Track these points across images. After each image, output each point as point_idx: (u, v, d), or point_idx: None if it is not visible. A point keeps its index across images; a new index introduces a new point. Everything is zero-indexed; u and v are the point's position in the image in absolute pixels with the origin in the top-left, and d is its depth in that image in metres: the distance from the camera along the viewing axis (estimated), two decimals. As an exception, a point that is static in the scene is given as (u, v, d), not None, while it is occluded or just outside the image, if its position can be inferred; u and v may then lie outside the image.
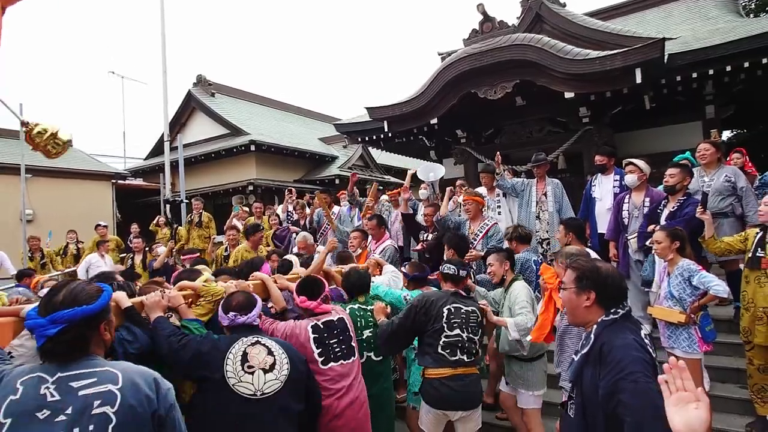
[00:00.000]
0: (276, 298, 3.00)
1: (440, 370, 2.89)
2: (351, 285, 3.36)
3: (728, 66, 6.84)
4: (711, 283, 3.23)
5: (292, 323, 2.63)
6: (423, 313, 2.93)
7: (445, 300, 2.99)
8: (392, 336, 2.99)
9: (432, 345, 2.91)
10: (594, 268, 1.79)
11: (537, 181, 5.76)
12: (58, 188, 13.44)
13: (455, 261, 3.29)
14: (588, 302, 1.77)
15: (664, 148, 7.90)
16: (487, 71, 7.32)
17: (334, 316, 2.73)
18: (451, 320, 2.92)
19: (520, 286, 3.52)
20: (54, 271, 8.48)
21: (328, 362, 2.56)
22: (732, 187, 4.42)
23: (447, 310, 2.94)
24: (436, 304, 2.95)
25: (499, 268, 3.63)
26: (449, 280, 3.17)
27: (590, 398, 1.65)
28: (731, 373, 4.13)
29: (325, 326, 2.63)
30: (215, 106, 16.20)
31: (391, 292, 3.62)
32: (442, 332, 2.89)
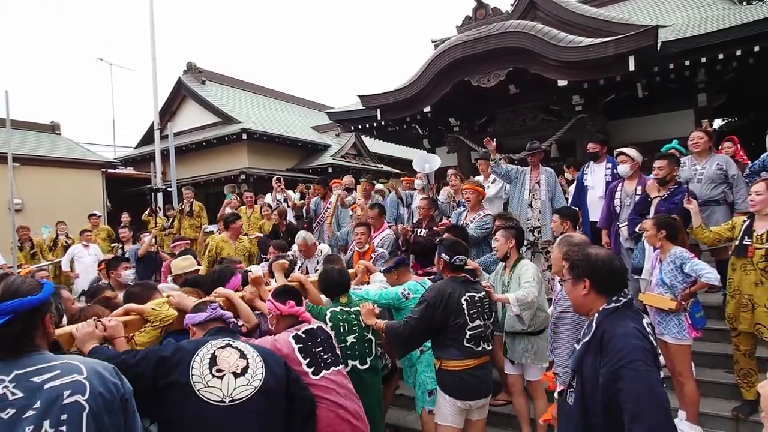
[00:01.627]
0: (246, 315, 2.71)
1: (467, 362, 2.84)
2: (330, 284, 3.07)
3: (720, 54, 6.86)
4: (703, 271, 3.26)
5: (269, 339, 2.36)
6: (442, 309, 2.81)
7: (459, 291, 2.89)
8: (411, 337, 2.86)
9: (457, 339, 2.83)
10: (585, 256, 1.80)
11: (531, 169, 5.76)
12: (46, 177, 13.24)
13: (460, 248, 3.07)
14: (585, 290, 1.77)
15: (657, 136, 7.93)
16: (480, 59, 7.28)
17: (314, 324, 2.51)
18: (470, 312, 2.86)
19: (528, 263, 3.55)
20: (43, 262, 8.42)
21: (319, 371, 2.33)
22: (724, 175, 4.46)
23: (465, 302, 2.86)
24: (453, 297, 2.84)
25: (504, 244, 3.57)
26: (457, 270, 3.03)
27: (590, 386, 1.66)
28: (720, 358, 4.20)
29: (307, 335, 2.41)
30: (206, 94, 16.00)
31: (385, 292, 3.43)
32: (465, 326, 2.82)
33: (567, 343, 3.03)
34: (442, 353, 2.89)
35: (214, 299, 2.49)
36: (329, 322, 2.80)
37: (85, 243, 7.94)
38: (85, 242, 7.95)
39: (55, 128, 15.81)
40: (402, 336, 2.85)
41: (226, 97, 16.79)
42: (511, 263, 3.59)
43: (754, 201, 3.48)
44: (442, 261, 3.04)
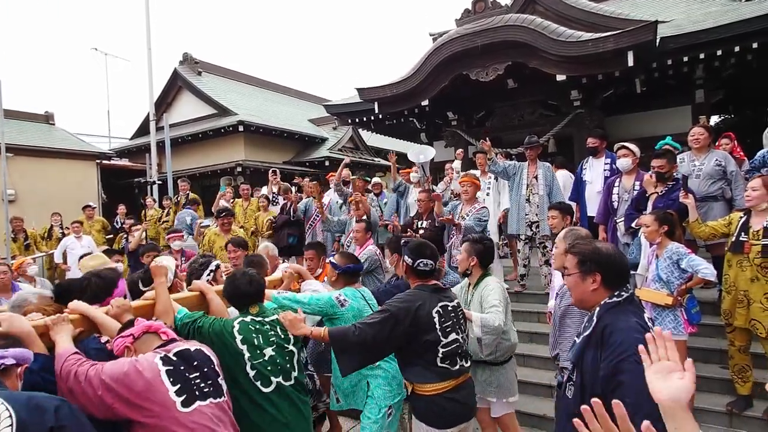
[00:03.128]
0: (110, 332, 2.15)
1: (443, 384, 2.46)
2: (235, 292, 2.50)
3: (719, 50, 6.86)
4: (699, 267, 3.27)
5: (126, 361, 1.85)
6: (409, 325, 2.41)
7: (430, 302, 2.49)
8: (366, 346, 2.39)
9: (429, 360, 2.45)
10: (595, 250, 1.79)
11: (528, 163, 5.76)
12: (40, 168, 13.13)
13: (427, 251, 2.63)
14: (594, 285, 1.76)
15: (654, 132, 7.93)
16: (479, 52, 7.25)
17: (191, 345, 2.03)
18: (444, 325, 2.47)
19: (492, 283, 3.10)
20: (37, 253, 8.36)
21: (192, 402, 1.83)
22: (722, 171, 4.46)
23: (437, 314, 2.47)
24: (423, 310, 2.44)
25: (466, 260, 3.15)
26: (424, 276, 2.62)
27: (590, 380, 1.66)
28: (714, 353, 4.22)
29: (179, 357, 1.92)
30: (202, 86, 15.89)
31: (316, 297, 2.90)
32: (438, 343, 2.44)
33: (573, 336, 2.95)
34: (412, 375, 2.51)
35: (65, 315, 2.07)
36: (238, 334, 2.32)
37: (77, 234, 7.89)
38: (77, 234, 7.90)
39: (49, 118, 15.67)
40: (354, 344, 2.38)
41: (223, 88, 16.68)
42: (474, 281, 3.16)
43: (750, 197, 3.48)
44: (404, 264, 2.68)
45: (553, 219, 3.98)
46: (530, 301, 5.61)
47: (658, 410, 1.39)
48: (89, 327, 2.19)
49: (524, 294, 5.74)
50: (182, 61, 16.58)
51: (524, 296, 5.73)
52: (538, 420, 4.06)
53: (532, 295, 5.66)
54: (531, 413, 4.12)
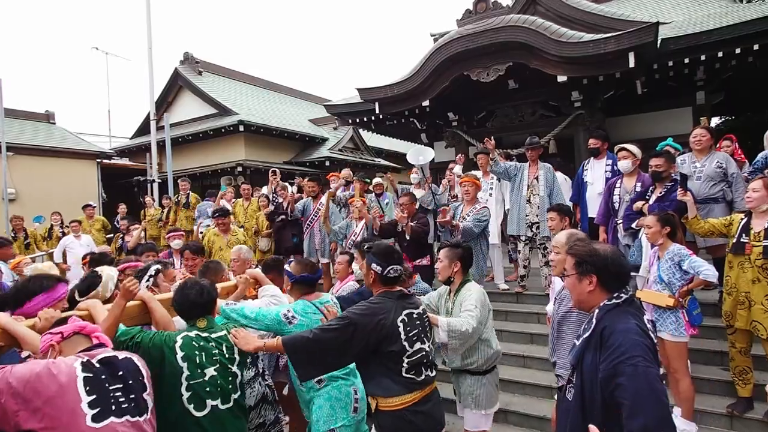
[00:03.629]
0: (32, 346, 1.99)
1: (409, 397, 2.34)
2: (184, 302, 2.34)
3: (720, 52, 6.85)
4: (701, 268, 3.27)
5: (42, 362, 1.65)
6: (372, 334, 2.27)
7: (395, 310, 2.36)
8: (317, 358, 2.25)
9: (393, 370, 2.32)
10: (592, 252, 1.78)
11: (529, 164, 5.75)
12: (41, 167, 13.13)
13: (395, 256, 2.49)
14: (591, 286, 1.76)
15: (655, 134, 7.94)
16: (480, 53, 7.24)
17: (120, 353, 1.82)
18: (409, 334, 2.35)
19: (473, 287, 2.99)
20: (37, 252, 8.36)
21: (105, 416, 1.61)
22: (723, 173, 4.46)
23: (402, 323, 2.34)
24: (388, 320, 2.31)
25: (448, 267, 3.02)
26: (391, 283, 2.47)
27: (590, 382, 1.66)
28: (715, 355, 4.22)
29: (102, 365, 1.71)
30: (203, 85, 15.88)
31: (262, 312, 2.66)
32: (404, 353, 2.32)
33: (570, 343, 2.90)
34: (376, 389, 2.37)
35: None
36: (180, 350, 2.15)
37: (76, 234, 7.89)
38: (75, 233, 7.90)
39: (49, 117, 15.67)
40: (308, 350, 2.25)
41: (223, 88, 16.68)
42: (455, 287, 3.05)
43: (751, 198, 3.47)
44: (372, 273, 2.46)
45: (552, 221, 3.98)
46: (530, 302, 5.60)
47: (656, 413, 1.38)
48: (8, 341, 2.03)
49: (524, 295, 5.74)
50: (183, 61, 16.58)
51: (524, 297, 5.73)
52: (537, 421, 4.06)
53: (532, 296, 5.65)
54: (531, 414, 4.12)
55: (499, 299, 5.83)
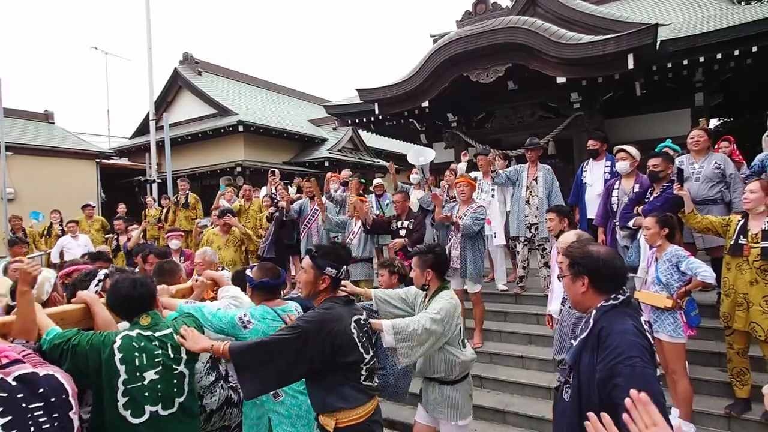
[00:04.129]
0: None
1: (371, 405, 2.24)
2: (117, 299, 2.16)
3: (718, 53, 6.86)
4: (699, 269, 3.28)
5: None
6: (326, 343, 2.10)
7: (347, 317, 2.22)
8: (266, 371, 2.04)
9: (351, 378, 2.18)
10: (585, 254, 1.79)
11: (528, 165, 5.77)
12: (40, 167, 13.12)
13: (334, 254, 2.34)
14: (583, 288, 1.77)
15: (653, 135, 7.95)
16: (479, 54, 7.26)
17: (41, 370, 1.67)
18: (362, 341, 2.23)
19: (446, 296, 2.81)
20: (36, 252, 8.34)
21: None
22: (721, 174, 4.48)
23: (355, 330, 2.21)
24: (341, 326, 2.16)
25: (421, 276, 2.88)
26: (334, 286, 2.33)
27: (587, 382, 1.66)
28: (713, 356, 4.23)
29: (20, 382, 1.58)
30: (202, 85, 15.89)
31: (218, 314, 2.50)
32: (361, 361, 2.20)
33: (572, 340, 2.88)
34: (338, 402, 2.15)
35: None
36: (119, 352, 1.98)
37: (74, 234, 7.89)
38: (73, 233, 7.90)
39: (48, 117, 15.68)
40: (256, 361, 2.04)
41: (223, 88, 16.68)
42: (431, 293, 2.88)
43: (748, 199, 3.48)
44: (326, 278, 2.27)
45: (551, 221, 3.99)
46: (529, 303, 5.61)
47: None
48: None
49: (523, 296, 5.75)
50: (182, 61, 16.58)
51: (523, 298, 5.74)
52: (536, 422, 4.07)
53: (531, 297, 5.66)
54: (530, 415, 4.13)
55: (498, 300, 5.85)
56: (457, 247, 5.02)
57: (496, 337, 5.30)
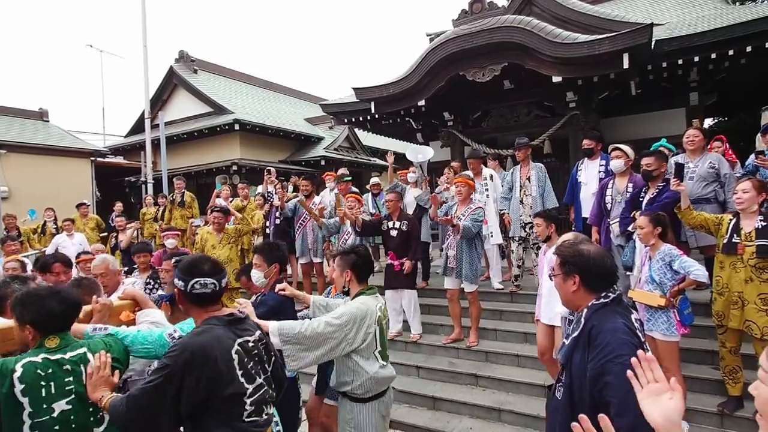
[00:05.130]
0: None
1: None
2: (40, 312, 1.82)
3: (713, 53, 6.90)
4: (691, 268, 3.30)
5: None
6: (198, 378, 1.73)
7: (226, 341, 1.85)
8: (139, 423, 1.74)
9: (231, 416, 1.83)
10: (576, 252, 1.80)
11: (520, 165, 5.79)
12: (34, 165, 13.06)
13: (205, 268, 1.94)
14: (574, 286, 1.78)
15: (649, 134, 7.99)
16: (475, 53, 7.26)
17: None
18: (247, 368, 1.88)
19: (357, 301, 2.59)
20: (30, 250, 8.30)
21: None
22: (715, 173, 4.50)
23: (237, 356, 1.85)
24: (215, 354, 1.78)
25: (340, 277, 2.70)
26: (207, 303, 1.94)
27: (578, 381, 1.67)
28: (706, 354, 4.26)
29: None
30: (198, 84, 15.83)
31: (143, 334, 2.13)
32: (243, 394, 1.85)
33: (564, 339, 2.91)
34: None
35: None
36: (20, 382, 1.68)
37: (69, 233, 7.86)
38: (68, 232, 7.87)
39: (43, 115, 15.59)
40: (128, 420, 1.73)
41: (219, 86, 16.63)
42: (351, 297, 2.70)
43: (741, 199, 3.49)
44: (176, 292, 1.98)
45: (538, 227, 4.01)
46: (524, 301, 5.63)
47: None
48: None
49: (518, 294, 5.77)
50: (178, 59, 16.50)
51: (518, 297, 5.76)
52: (532, 420, 4.09)
53: (526, 296, 5.68)
54: (525, 413, 4.15)
55: (494, 299, 5.87)
56: (454, 247, 5.03)
57: (491, 335, 5.32)
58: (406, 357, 5.36)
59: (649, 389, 1.23)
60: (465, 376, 4.87)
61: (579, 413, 1.65)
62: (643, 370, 1.25)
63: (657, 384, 1.22)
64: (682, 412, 1.19)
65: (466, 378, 4.85)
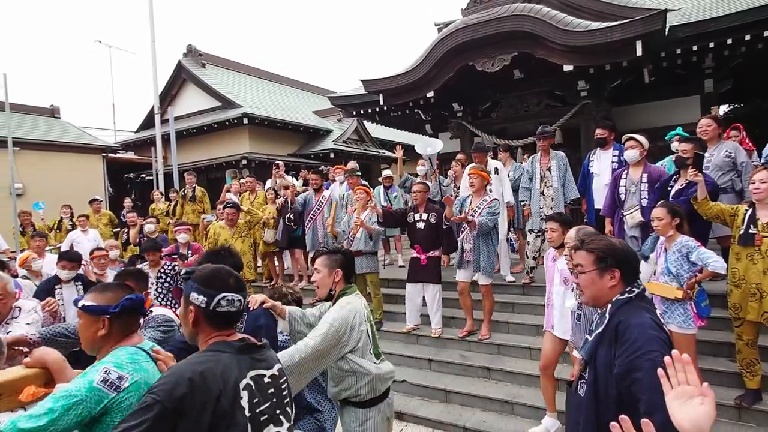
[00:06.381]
0: None
1: None
2: None
3: (729, 39, 6.74)
4: (710, 260, 3.24)
5: None
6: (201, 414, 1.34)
7: (235, 371, 1.45)
8: None
9: None
10: (611, 246, 1.77)
11: (540, 155, 5.67)
12: (47, 162, 13.20)
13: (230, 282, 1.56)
14: (613, 281, 1.74)
15: (662, 123, 7.85)
16: (485, 43, 7.18)
17: None
18: (257, 410, 1.46)
19: (342, 303, 2.41)
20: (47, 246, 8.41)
21: None
22: (732, 162, 4.41)
23: (246, 391, 1.45)
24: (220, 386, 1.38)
25: (327, 277, 2.49)
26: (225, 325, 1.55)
27: (603, 377, 1.65)
28: (723, 347, 4.21)
29: None
30: (206, 78, 15.85)
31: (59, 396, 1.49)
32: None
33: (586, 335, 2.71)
34: None
35: None
36: None
37: (83, 228, 7.96)
38: (83, 228, 7.97)
39: (54, 112, 15.73)
40: None
41: (227, 80, 16.64)
42: (335, 298, 2.50)
43: (759, 189, 3.40)
44: (192, 309, 1.52)
45: (553, 232, 3.61)
46: (537, 294, 5.59)
47: None
48: None
49: (531, 287, 5.73)
50: (186, 54, 16.53)
51: (531, 289, 5.73)
52: (545, 413, 4.07)
53: (539, 288, 5.62)
54: (538, 406, 4.14)
55: (506, 291, 5.84)
56: (470, 240, 4.98)
57: (503, 328, 5.30)
58: (418, 350, 5.36)
59: (680, 391, 1.18)
60: (477, 369, 4.86)
61: (604, 410, 1.64)
62: (676, 371, 1.21)
63: (689, 387, 1.17)
64: (713, 420, 1.15)
65: (479, 371, 4.85)
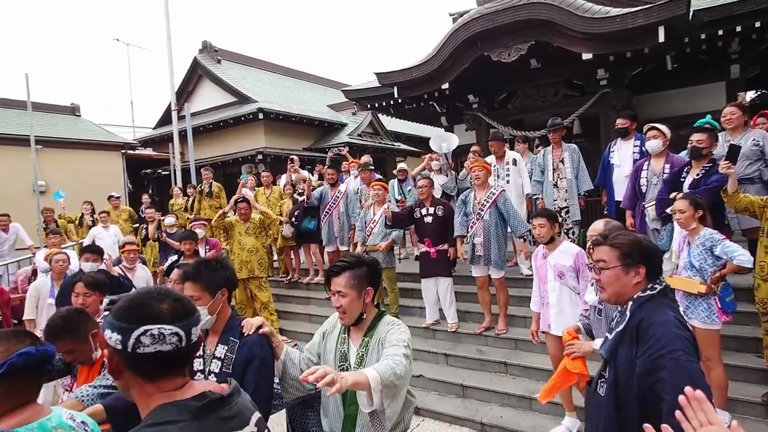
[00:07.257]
0: None
1: None
2: None
3: (757, 22, 6.48)
4: (735, 253, 3.12)
5: None
6: None
7: None
8: None
9: None
10: (637, 241, 1.72)
11: (552, 147, 5.59)
12: (68, 159, 13.46)
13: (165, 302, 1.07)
14: (638, 278, 1.69)
15: (686, 111, 7.63)
16: (500, 32, 7.03)
17: None
18: None
19: (398, 321, 2.06)
20: (69, 242, 8.60)
21: None
22: (760, 151, 4.24)
23: None
24: None
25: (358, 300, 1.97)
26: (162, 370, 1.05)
27: (625, 376, 1.60)
28: (749, 342, 4.08)
29: None
30: (222, 74, 15.94)
31: None
32: None
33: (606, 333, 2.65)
34: None
35: None
36: None
37: (105, 224, 8.11)
38: (104, 224, 8.12)
39: (75, 110, 16.03)
40: None
41: (242, 76, 16.71)
42: (366, 326, 2.02)
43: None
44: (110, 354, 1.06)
45: (541, 227, 3.66)
46: (555, 287, 5.49)
47: None
48: None
49: (549, 280, 5.63)
50: (202, 50, 16.63)
51: (549, 283, 5.63)
52: (563, 409, 4.01)
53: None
54: (557, 402, 4.04)
55: (523, 285, 5.75)
56: (480, 234, 4.93)
57: (520, 322, 5.23)
58: (434, 345, 5.33)
59: None
60: (494, 364, 4.81)
61: (625, 410, 1.59)
62: (694, 411, 1.12)
63: (713, 427, 1.08)
64: None
65: (496, 366, 4.80)
